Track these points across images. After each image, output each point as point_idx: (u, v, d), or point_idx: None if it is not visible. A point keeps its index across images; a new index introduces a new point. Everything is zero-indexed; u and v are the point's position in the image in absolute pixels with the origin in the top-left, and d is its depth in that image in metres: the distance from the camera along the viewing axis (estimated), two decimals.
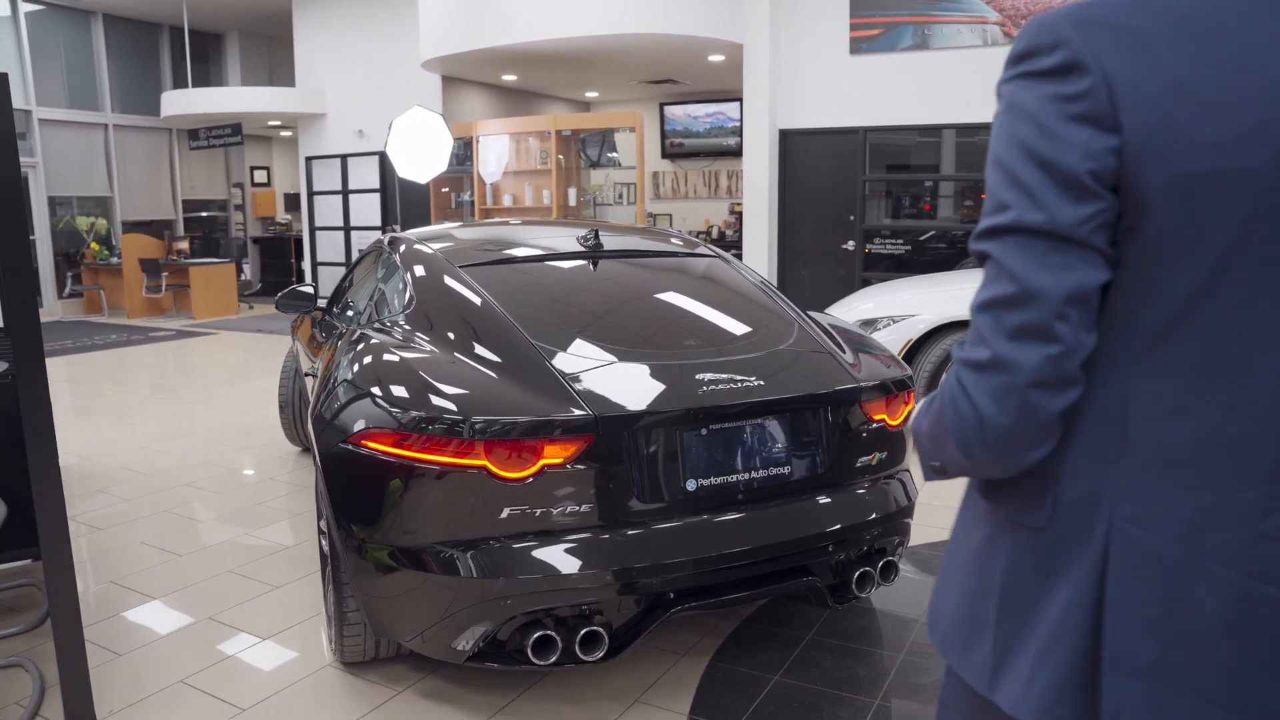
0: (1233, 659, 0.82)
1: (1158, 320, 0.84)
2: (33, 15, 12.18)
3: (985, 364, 0.86)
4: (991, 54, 8.15)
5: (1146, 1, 0.82)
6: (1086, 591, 0.86)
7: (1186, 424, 0.84)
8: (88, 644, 3.01)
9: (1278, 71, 0.78)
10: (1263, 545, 0.81)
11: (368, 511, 2.38)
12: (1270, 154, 0.77)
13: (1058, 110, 0.83)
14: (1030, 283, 0.83)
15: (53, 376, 8.00)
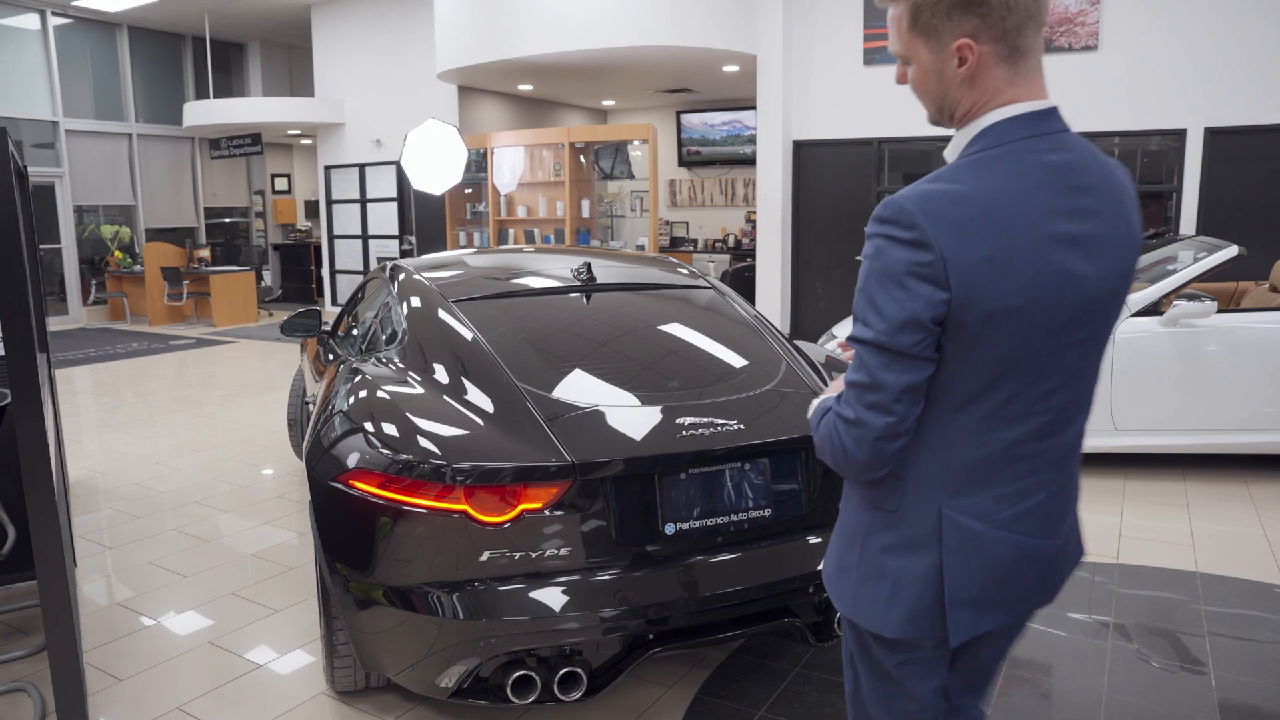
0: (1018, 584, 1.39)
1: (969, 389, 1.31)
2: (61, 29, 12.41)
3: (850, 421, 1.31)
4: None
5: (966, 199, 1.24)
6: (931, 554, 1.36)
7: (985, 449, 1.34)
8: (90, 668, 3.09)
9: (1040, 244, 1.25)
10: (1028, 516, 1.37)
11: (354, 549, 2.43)
12: (1038, 295, 1.25)
13: (911, 271, 1.23)
14: (879, 378, 1.28)
15: (73, 387, 8.16)
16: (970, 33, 1.26)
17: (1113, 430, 4.95)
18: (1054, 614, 3.36)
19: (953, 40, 1.27)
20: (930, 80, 1.33)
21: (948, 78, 1.30)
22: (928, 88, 1.34)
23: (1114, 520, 4.36)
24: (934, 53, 1.30)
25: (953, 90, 1.31)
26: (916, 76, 1.35)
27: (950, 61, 1.29)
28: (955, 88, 1.31)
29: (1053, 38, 7.87)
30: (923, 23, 1.29)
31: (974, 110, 1.31)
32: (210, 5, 12.05)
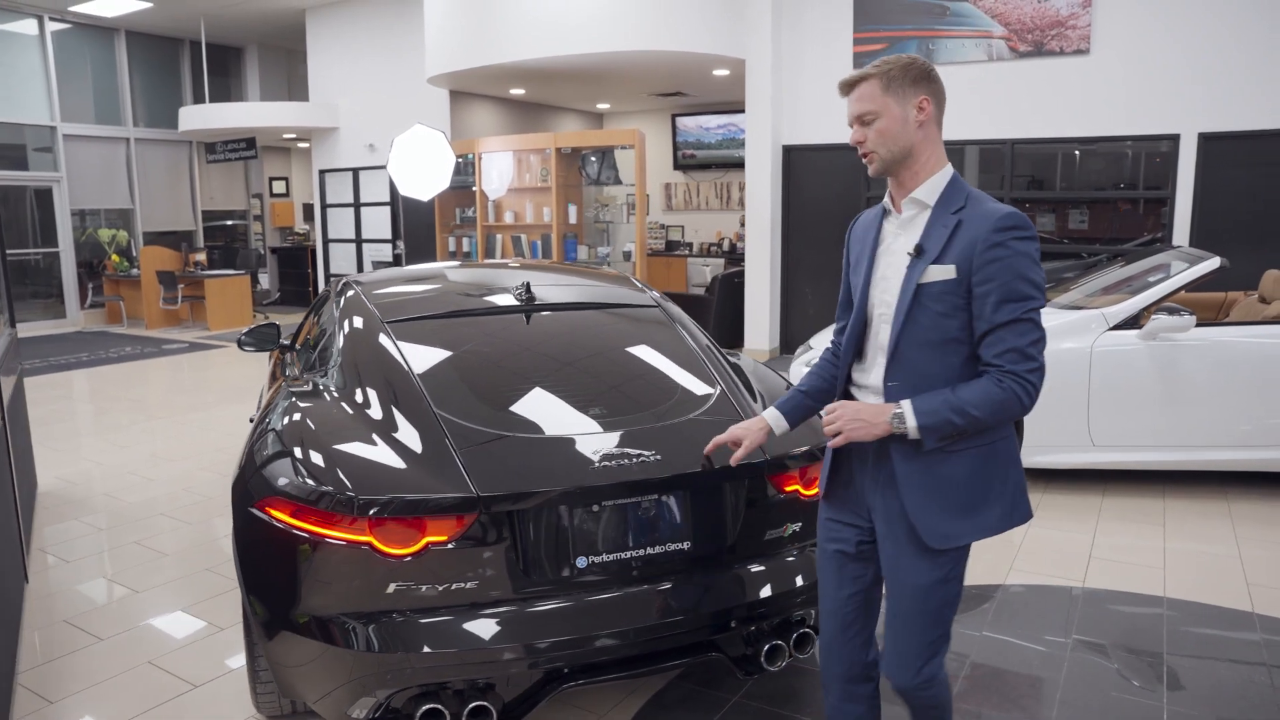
0: None
1: None
2: (59, 34, 12.46)
3: (1038, 368, 1.80)
4: (996, 69, 8.00)
5: None
6: None
7: None
8: (21, 689, 3.06)
9: None
10: None
11: (267, 577, 2.39)
12: None
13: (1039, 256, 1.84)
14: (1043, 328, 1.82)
15: (60, 394, 8.17)
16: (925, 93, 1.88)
17: (1090, 446, 4.86)
18: (1009, 639, 3.29)
19: (914, 99, 1.87)
20: (897, 127, 1.86)
21: (910, 124, 1.87)
22: (894, 133, 1.87)
23: (1086, 540, 4.27)
24: (901, 108, 1.86)
25: (913, 134, 1.87)
26: (885, 126, 1.87)
27: (911, 112, 1.87)
28: (914, 131, 1.87)
29: (1044, 41, 7.77)
30: (894, 87, 1.86)
31: (933, 162, 1.90)
32: (206, 10, 12.07)
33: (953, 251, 1.83)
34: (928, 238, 1.86)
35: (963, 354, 1.86)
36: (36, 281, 12.68)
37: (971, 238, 1.81)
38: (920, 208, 1.91)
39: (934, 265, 1.84)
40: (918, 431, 1.80)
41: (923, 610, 1.92)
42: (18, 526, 3.79)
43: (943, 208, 1.87)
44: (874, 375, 1.96)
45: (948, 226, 1.85)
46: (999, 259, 1.78)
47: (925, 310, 1.85)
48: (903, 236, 1.92)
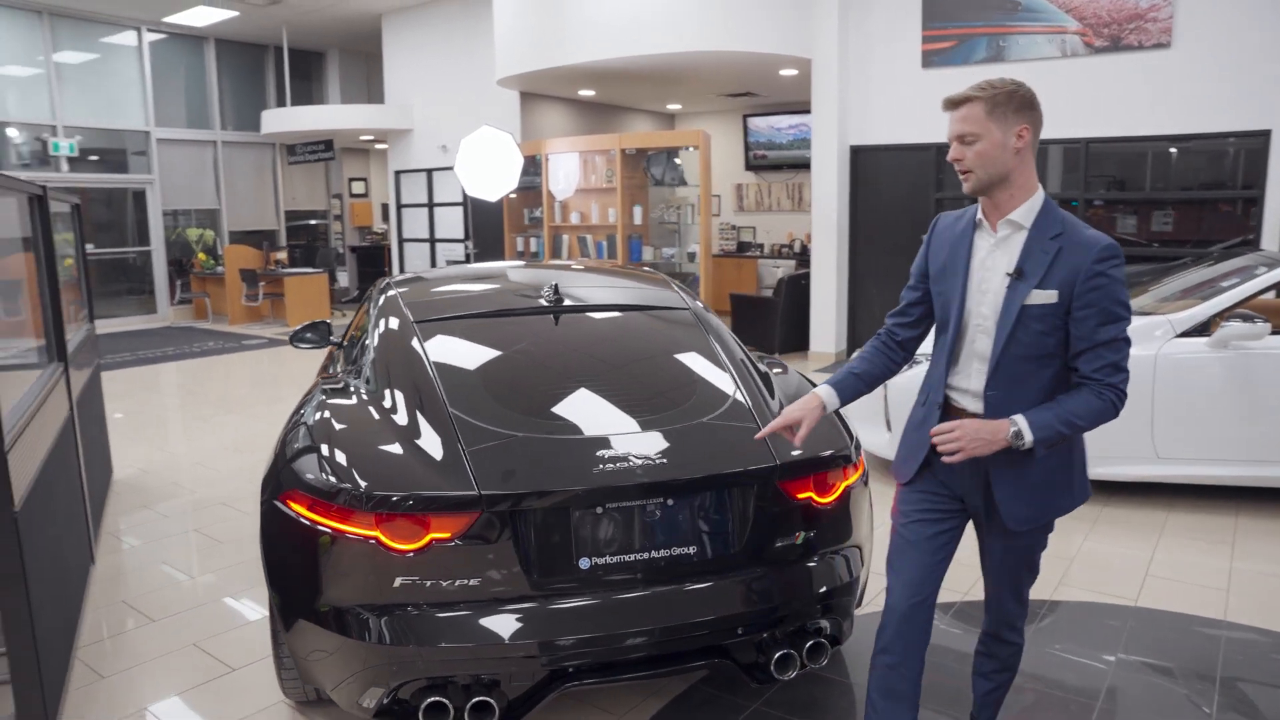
0: None
1: None
2: (155, 44, 13.11)
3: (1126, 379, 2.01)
4: (1071, 66, 7.71)
5: None
6: None
7: None
8: (78, 664, 3.23)
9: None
10: None
11: (287, 568, 2.47)
12: None
13: None
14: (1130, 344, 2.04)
15: (142, 386, 8.59)
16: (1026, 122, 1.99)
17: (1154, 458, 4.64)
18: (1053, 653, 3.17)
19: (1016, 126, 1.98)
20: (996, 151, 1.98)
21: (1009, 149, 1.98)
22: (993, 157, 1.99)
23: (1144, 556, 4.09)
24: (1002, 133, 1.97)
25: (1010, 159, 1.99)
26: (984, 149, 1.98)
27: (1011, 139, 1.98)
28: (1012, 157, 1.99)
29: (1121, 35, 7.46)
30: (998, 111, 1.97)
31: (1027, 186, 2.03)
32: (288, 17, 12.52)
33: (1055, 277, 1.99)
34: (1027, 260, 2.02)
35: (1056, 367, 2.05)
36: (131, 279, 13.36)
37: (1074, 266, 1.98)
38: (1016, 229, 2.05)
39: (1037, 290, 2.00)
40: (1033, 444, 1.99)
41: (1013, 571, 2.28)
42: (85, 513, 4.01)
43: (1039, 231, 2.03)
44: (973, 381, 2.13)
45: (1048, 252, 2.00)
46: (1099, 287, 1.96)
47: (1027, 329, 2.02)
48: (999, 254, 2.08)
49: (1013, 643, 2.37)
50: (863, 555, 2.76)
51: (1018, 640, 2.37)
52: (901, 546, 2.24)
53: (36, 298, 3.86)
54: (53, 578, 3.06)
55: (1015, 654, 2.40)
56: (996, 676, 2.42)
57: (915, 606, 2.17)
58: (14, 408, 2.88)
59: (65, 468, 3.61)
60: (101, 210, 13.10)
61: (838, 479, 2.58)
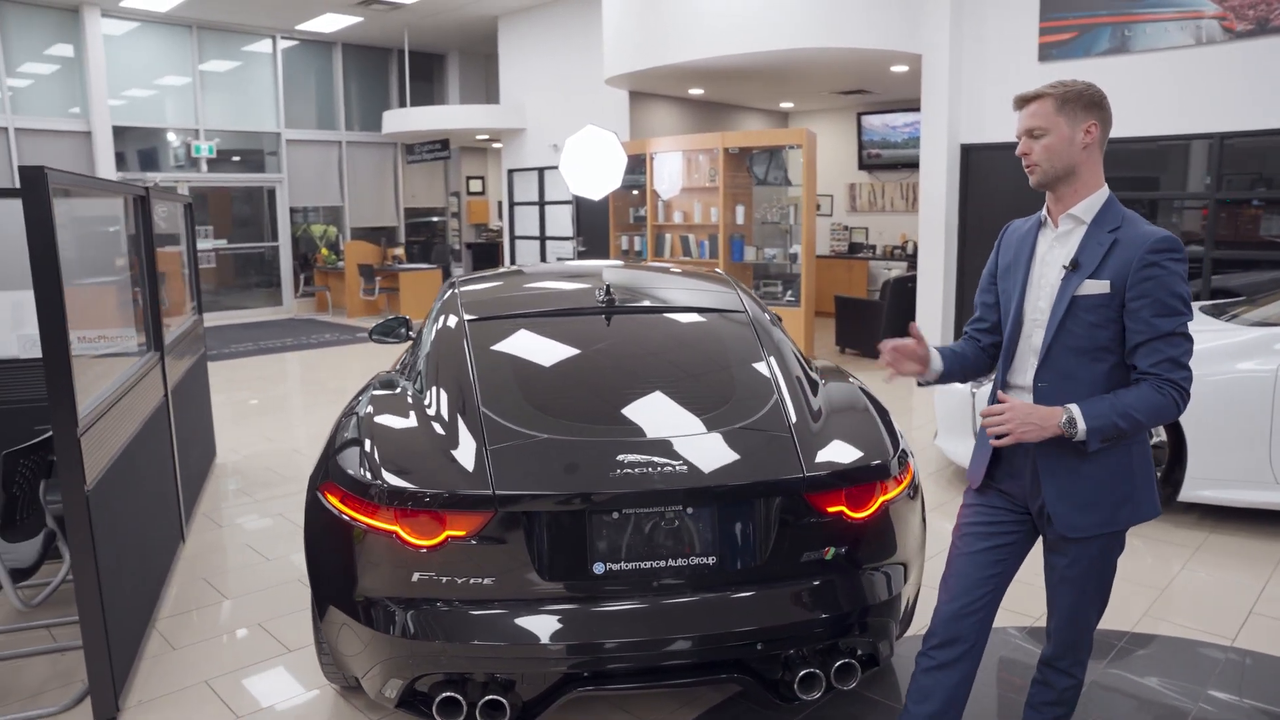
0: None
1: None
2: (287, 50, 13.90)
3: (1189, 376, 1.97)
4: (1206, 54, 7.13)
5: None
6: None
7: None
8: (156, 635, 3.44)
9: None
10: None
11: (321, 557, 2.56)
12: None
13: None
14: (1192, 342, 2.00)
15: (257, 375, 9.10)
16: (1095, 119, 2.00)
17: (1272, 483, 4.24)
18: (1117, 696, 2.94)
19: (1084, 123, 1.99)
20: (1063, 145, 1.99)
21: (1076, 144, 2.00)
22: (1060, 151, 2.00)
23: (1250, 592, 3.74)
24: (1071, 129, 1.99)
25: (1077, 154, 2.00)
26: (1052, 143, 2.00)
27: (1079, 134, 1.99)
28: (1079, 152, 2.00)
29: (1269, 17, 6.83)
30: (1068, 108, 1.99)
31: (1092, 182, 2.03)
32: (410, 21, 13.00)
33: (1109, 268, 1.99)
34: (1083, 253, 2.03)
35: (1110, 361, 2.03)
36: (261, 272, 14.19)
37: (1128, 257, 1.97)
38: (1076, 223, 2.07)
39: (1090, 280, 2.00)
40: (1086, 434, 1.95)
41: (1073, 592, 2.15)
42: (176, 494, 4.27)
43: (1099, 225, 2.04)
44: (1027, 376, 2.11)
45: (1103, 244, 2.01)
46: (1154, 277, 1.94)
47: (1079, 320, 2.02)
48: (1058, 249, 2.09)
49: (1072, 675, 2.25)
50: (908, 573, 2.62)
51: (1077, 674, 2.25)
52: (954, 559, 2.22)
53: (138, 293, 4.13)
54: (130, 553, 3.27)
55: (1073, 689, 2.26)
56: (1048, 710, 2.28)
57: (957, 616, 2.14)
58: (94, 396, 3.08)
59: (154, 451, 3.85)
60: (243, 208, 13.98)
61: (875, 492, 2.46)
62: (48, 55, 11.93)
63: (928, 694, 2.15)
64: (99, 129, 12.10)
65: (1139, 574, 3.92)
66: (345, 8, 12.24)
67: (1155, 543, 4.28)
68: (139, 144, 12.89)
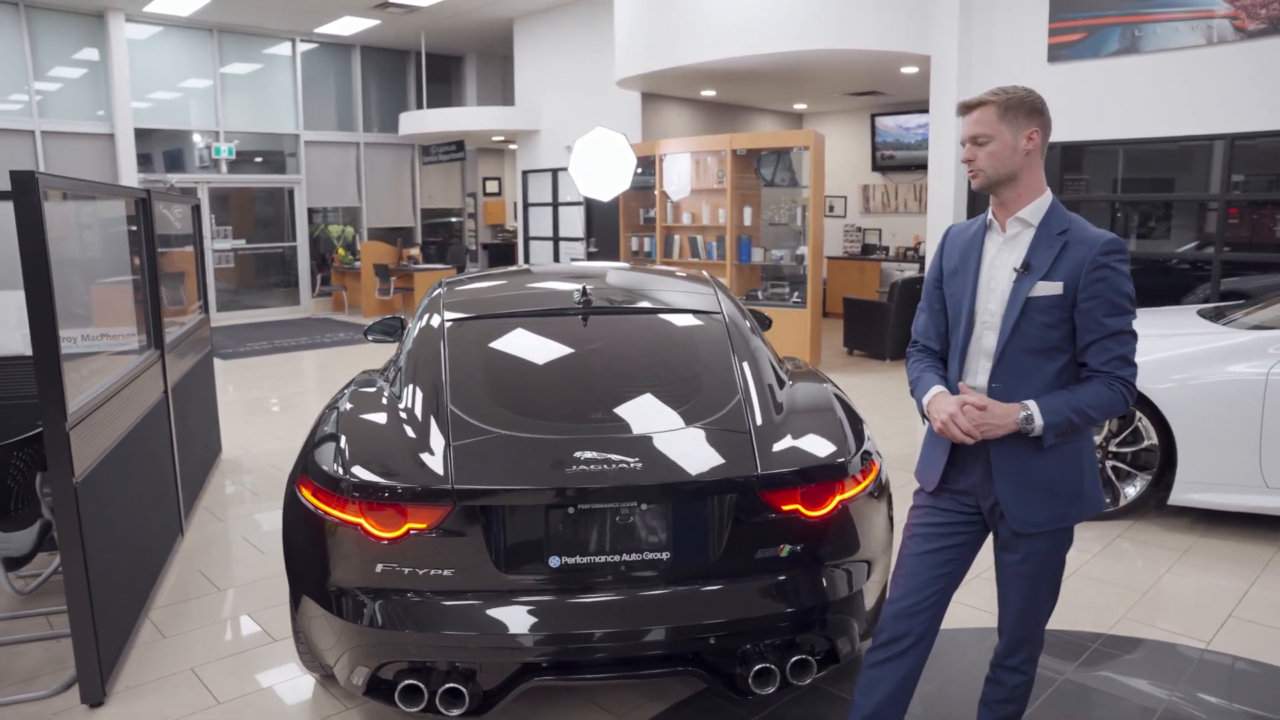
0: None
1: None
2: (306, 53, 14.11)
3: (1134, 371, 2.04)
4: (1215, 54, 7.07)
5: None
6: None
7: None
8: (148, 623, 3.55)
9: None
10: None
11: (295, 549, 2.64)
12: None
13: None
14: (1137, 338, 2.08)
15: (268, 373, 9.25)
16: (1036, 126, 2.06)
17: (1262, 487, 4.22)
18: (1085, 695, 2.96)
19: (1026, 129, 2.05)
20: (1006, 151, 2.05)
21: (1019, 150, 2.05)
22: (1004, 157, 2.05)
23: (1234, 596, 3.73)
24: (1013, 135, 2.05)
25: (1020, 160, 2.05)
26: (996, 150, 2.05)
27: (1021, 141, 2.05)
28: (1022, 158, 2.05)
29: None
30: (1010, 114, 2.05)
31: (1035, 186, 2.09)
32: (427, 24, 13.14)
33: (1060, 269, 2.04)
34: (1034, 255, 2.08)
35: (1061, 361, 2.08)
36: (279, 272, 14.41)
37: (1079, 258, 2.03)
38: (1025, 226, 2.11)
39: (1042, 281, 2.05)
40: (1043, 430, 2.02)
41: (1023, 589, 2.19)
42: (175, 488, 4.38)
43: (1047, 228, 2.09)
44: (980, 378, 2.15)
45: (1054, 247, 2.06)
46: (1105, 278, 2.01)
47: (1032, 321, 2.07)
48: (1007, 252, 2.13)
49: (1023, 673, 2.28)
50: (871, 571, 2.66)
51: (1028, 671, 2.28)
52: (904, 559, 2.26)
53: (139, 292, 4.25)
54: (123, 545, 3.38)
55: (1024, 686, 2.29)
56: (1000, 708, 2.31)
57: (905, 614, 2.18)
58: (87, 392, 3.18)
59: (152, 446, 3.96)
60: (264, 208, 14.21)
61: (832, 491, 2.50)
62: (74, 60, 12.20)
63: (874, 687, 2.19)
64: (121, 131, 12.35)
65: (1124, 577, 3.92)
66: (362, 11, 12.40)
67: (1144, 546, 4.28)
68: (163, 145, 13.14)
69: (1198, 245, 7.48)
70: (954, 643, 3.35)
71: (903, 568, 2.24)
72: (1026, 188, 2.09)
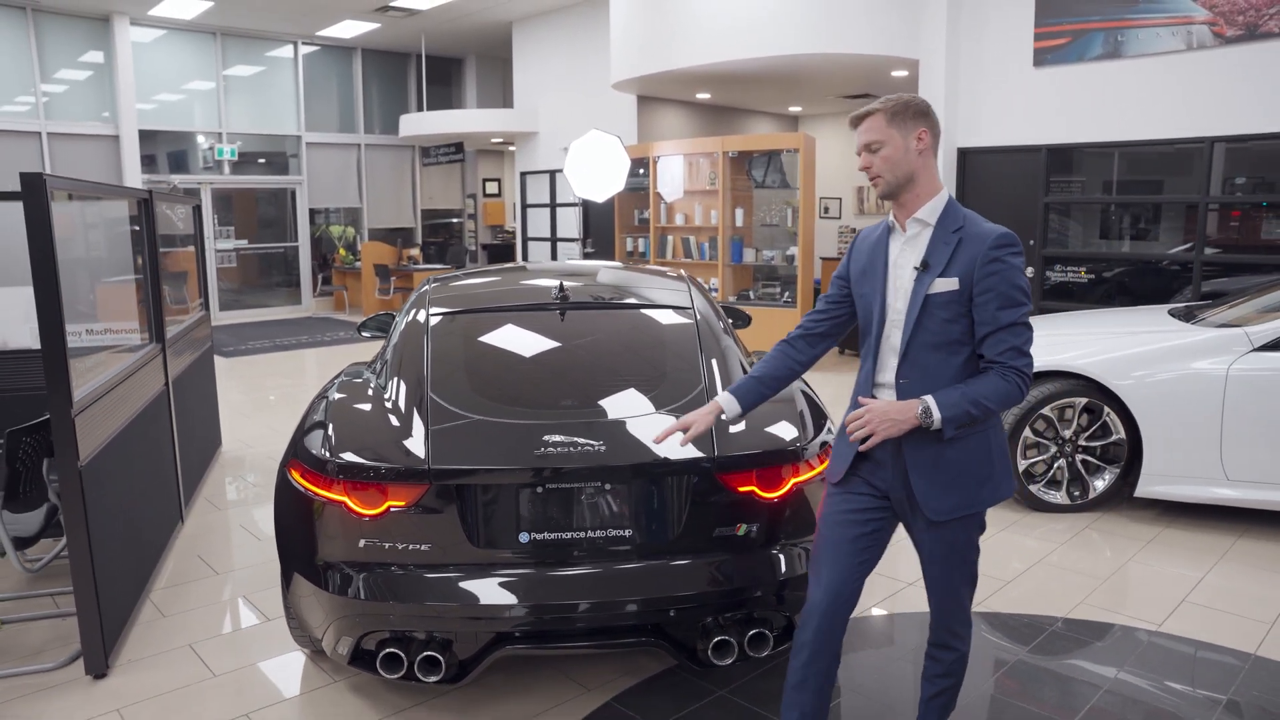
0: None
1: None
2: (308, 56, 14.32)
3: (1030, 361, 2.12)
4: (1197, 59, 7.22)
5: None
6: None
7: None
8: (149, 604, 3.72)
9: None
10: None
11: (287, 528, 2.81)
12: None
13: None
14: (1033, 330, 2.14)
15: (269, 370, 9.43)
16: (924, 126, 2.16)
17: (1223, 480, 4.38)
18: (1035, 673, 3.12)
19: (915, 131, 2.14)
20: (900, 155, 2.13)
21: (912, 152, 2.13)
22: (899, 160, 2.14)
23: (1189, 582, 3.89)
24: (904, 139, 2.13)
25: (914, 161, 2.13)
26: (890, 154, 2.14)
27: (913, 143, 2.13)
28: (915, 159, 2.13)
29: (1259, 23, 6.92)
30: (897, 120, 2.14)
31: (931, 186, 2.17)
32: (427, 27, 13.33)
33: (956, 265, 2.13)
34: (932, 253, 2.16)
35: (964, 355, 2.17)
36: (281, 272, 14.61)
37: (972, 254, 2.11)
38: (923, 226, 2.19)
39: (940, 278, 2.13)
40: (941, 423, 2.08)
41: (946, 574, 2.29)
42: (176, 476, 4.55)
43: (943, 226, 2.17)
44: (888, 374, 2.24)
45: (949, 244, 2.14)
46: (997, 272, 2.09)
47: (933, 317, 2.15)
48: (908, 251, 2.22)
49: (954, 649, 2.39)
50: None
51: (959, 646, 2.40)
52: (824, 548, 2.31)
53: (143, 289, 4.42)
54: (125, 528, 3.55)
55: (958, 661, 2.41)
56: (940, 681, 2.44)
57: (834, 606, 2.25)
58: (92, 382, 3.36)
59: (153, 435, 4.13)
60: (267, 209, 14.41)
61: (786, 474, 2.66)
62: (80, 63, 12.41)
63: (805, 682, 2.26)
64: (126, 133, 12.55)
65: (1089, 565, 4.07)
66: (363, 14, 12.59)
67: (1111, 536, 4.43)
68: (167, 147, 13.34)
69: (1187, 247, 7.62)
70: (900, 623, 3.52)
71: (823, 556, 2.29)
72: (923, 188, 2.17)
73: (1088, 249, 8.23)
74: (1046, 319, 5.93)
